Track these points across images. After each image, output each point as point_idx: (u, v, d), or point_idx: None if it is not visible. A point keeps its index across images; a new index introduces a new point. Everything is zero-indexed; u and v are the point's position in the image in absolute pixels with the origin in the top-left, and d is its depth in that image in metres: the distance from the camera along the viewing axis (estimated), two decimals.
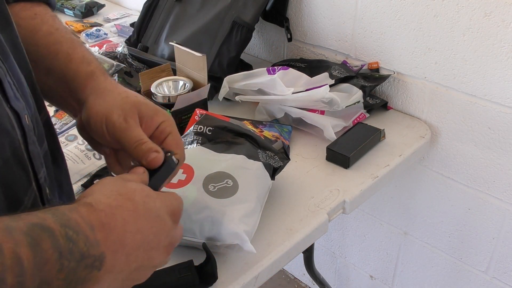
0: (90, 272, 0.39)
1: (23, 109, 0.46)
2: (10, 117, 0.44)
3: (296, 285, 1.85)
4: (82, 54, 0.60)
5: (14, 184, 0.44)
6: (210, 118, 0.90)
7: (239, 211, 0.74)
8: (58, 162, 0.58)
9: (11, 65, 0.47)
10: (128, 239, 0.43)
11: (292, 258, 0.82)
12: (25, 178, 0.46)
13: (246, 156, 0.82)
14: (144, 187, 0.48)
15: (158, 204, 0.47)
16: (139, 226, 0.44)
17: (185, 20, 1.31)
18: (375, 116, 1.15)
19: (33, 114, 0.49)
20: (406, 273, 1.44)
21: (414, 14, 1.06)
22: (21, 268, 0.34)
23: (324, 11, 1.23)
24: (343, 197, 0.91)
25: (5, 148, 0.43)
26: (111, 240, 0.41)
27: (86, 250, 0.39)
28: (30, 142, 0.47)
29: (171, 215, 0.49)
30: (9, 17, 0.50)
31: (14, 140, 0.44)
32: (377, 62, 1.18)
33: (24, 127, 0.46)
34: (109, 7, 1.90)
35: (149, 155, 0.53)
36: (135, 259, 0.44)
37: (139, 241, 0.44)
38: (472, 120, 1.07)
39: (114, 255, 0.41)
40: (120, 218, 0.43)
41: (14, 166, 0.44)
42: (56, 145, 0.59)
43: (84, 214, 0.41)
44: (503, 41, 0.95)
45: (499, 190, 1.10)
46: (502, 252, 1.17)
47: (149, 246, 0.45)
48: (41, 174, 0.49)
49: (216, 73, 1.20)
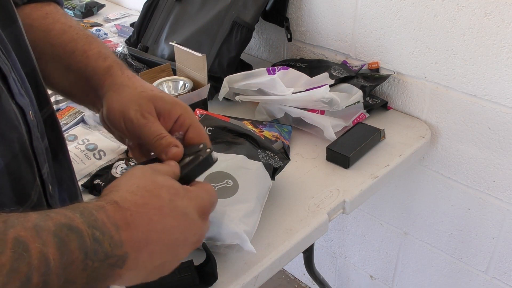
0: (112, 270, 0.40)
1: (28, 105, 0.47)
2: (16, 113, 0.44)
3: (296, 285, 1.85)
4: (98, 50, 0.59)
5: (22, 178, 0.45)
6: (210, 118, 0.90)
7: (239, 211, 0.74)
8: (59, 158, 0.58)
9: (14, 62, 0.47)
10: (153, 238, 0.43)
11: (292, 258, 0.82)
12: (31, 173, 0.46)
13: (246, 156, 0.82)
14: (173, 183, 0.47)
15: (186, 202, 0.46)
16: (165, 225, 0.44)
17: (185, 20, 1.31)
18: (375, 116, 1.15)
19: (35, 110, 0.50)
20: (406, 273, 1.44)
21: (414, 14, 1.06)
22: (47, 268, 0.35)
23: (324, 11, 1.23)
24: (343, 197, 0.91)
25: (14, 143, 0.43)
26: (135, 240, 0.41)
27: (110, 251, 0.39)
28: (35, 138, 0.47)
29: (200, 211, 0.48)
30: (14, 14, 0.51)
31: (21, 135, 0.45)
32: (377, 62, 1.18)
33: (29, 123, 0.46)
34: (109, 7, 1.90)
35: (169, 149, 0.53)
36: (159, 257, 0.44)
37: (165, 240, 0.44)
38: (472, 120, 1.07)
39: (137, 254, 0.41)
40: (146, 217, 0.43)
41: (22, 161, 0.45)
42: (59, 142, 0.59)
43: (110, 213, 0.41)
44: (503, 41, 0.95)
45: (499, 190, 1.10)
46: (502, 252, 1.17)
47: (175, 244, 0.45)
48: (44, 169, 0.49)
49: (216, 73, 1.20)
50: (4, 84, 0.43)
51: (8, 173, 0.42)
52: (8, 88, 0.44)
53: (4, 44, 0.46)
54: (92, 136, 1.03)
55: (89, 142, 1.01)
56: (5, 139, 0.42)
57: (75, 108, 1.12)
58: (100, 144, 1.01)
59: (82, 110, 1.12)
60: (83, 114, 1.10)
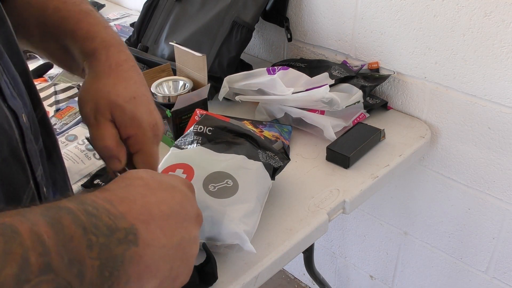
0: (127, 249, 0.36)
1: (20, 108, 0.46)
2: (8, 116, 0.44)
3: (296, 285, 1.85)
4: (86, 29, 0.58)
5: (13, 182, 0.44)
6: (210, 118, 0.90)
7: (239, 211, 0.74)
8: (53, 159, 0.57)
9: (6, 64, 0.47)
10: (154, 210, 0.41)
11: (292, 258, 0.82)
12: (23, 176, 0.46)
13: (246, 156, 0.82)
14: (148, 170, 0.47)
15: (168, 178, 0.46)
16: (159, 197, 0.42)
17: (185, 20, 1.31)
18: (375, 116, 1.15)
19: (29, 112, 0.50)
20: (406, 273, 1.44)
21: (414, 14, 1.06)
22: (43, 246, 0.32)
23: (324, 11, 1.23)
24: (343, 197, 0.91)
25: (3, 147, 0.43)
26: (136, 211, 0.39)
27: (112, 223, 0.36)
28: (28, 141, 0.47)
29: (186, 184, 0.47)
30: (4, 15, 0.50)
31: (12, 139, 0.44)
32: (377, 62, 1.18)
33: (22, 126, 0.46)
34: (109, 7, 1.90)
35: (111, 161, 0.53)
36: (172, 233, 0.41)
37: (166, 211, 0.42)
38: (472, 120, 1.07)
39: (147, 226, 0.39)
40: (136, 193, 0.41)
41: (12, 164, 0.44)
42: (52, 142, 0.58)
43: (97, 194, 0.39)
44: (503, 41, 0.95)
45: (499, 190, 1.10)
46: (502, 252, 1.17)
47: (179, 216, 0.43)
48: (38, 172, 0.49)
49: (216, 73, 1.20)
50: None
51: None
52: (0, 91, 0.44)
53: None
54: None
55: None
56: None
57: (75, 108, 1.12)
58: None
59: None
60: None
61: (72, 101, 1.16)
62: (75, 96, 1.20)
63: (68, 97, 1.19)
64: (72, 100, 1.17)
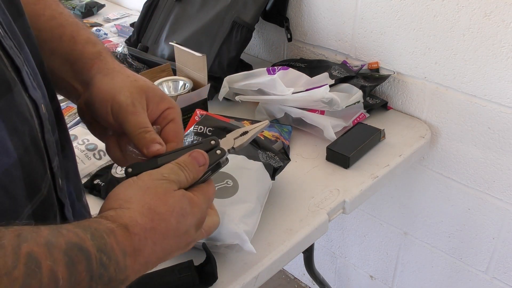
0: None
1: (40, 98, 0.47)
2: (29, 105, 0.44)
3: (296, 285, 1.85)
4: (87, 36, 0.59)
5: (33, 171, 0.45)
6: (210, 118, 0.90)
7: (239, 211, 0.74)
8: (65, 151, 0.57)
9: (27, 56, 0.47)
10: (153, 259, 0.45)
11: (292, 258, 0.82)
12: (42, 166, 0.46)
13: (246, 157, 0.82)
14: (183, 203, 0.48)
15: (189, 221, 0.48)
16: (166, 245, 0.46)
17: (185, 20, 1.31)
18: (375, 116, 1.15)
19: (47, 103, 0.49)
20: (406, 273, 1.44)
21: (414, 14, 1.06)
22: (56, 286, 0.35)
23: (324, 11, 1.23)
24: (343, 197, 0.91)
25: (26, 136, 0.43)
26: (138, 264, 0.43)
27: (115, 276, 0.41)
28: (46, 131, 0.47)
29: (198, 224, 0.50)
30: (21, 7, 0.50)
31: (33, 128, 0.44)
32: (377, 62, 1.18)
33: (41, 116, 0.46)
34: (109, 7, 1.90)
35: (151, 145, 0.52)
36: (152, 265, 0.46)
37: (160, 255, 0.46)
38: (472, 120, 1.07)
39: (136, 274, 0.44)
40: (151, 242, 0.44)
41: (33, 153, 0.45)
42: (65, 135, 0.58)
43: (120, 239, 0.42)
44: (503, 41, 0.95)
45: (499, 190, 1.10)
46: (502, 252, 1.17)
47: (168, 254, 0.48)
48: (54, 162, 0.49)
49: (216, 73, 1.20)
50: (17, 77, 0.43)
51: (21, 165, 0.42)
52: (22, 81, 0.44)
53: (17, 37, 0.46)
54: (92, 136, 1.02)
55: (89, 142, 1.01)
56: (17, 132, 0.42)
57: (75, 108, 1.12)
58: (100, 144, 1.01)
59: None
60: None
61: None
62: None
63: None
64: None
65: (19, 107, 0.42)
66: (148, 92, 0.56)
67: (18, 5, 0.50)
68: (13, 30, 0.46)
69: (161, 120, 0.56)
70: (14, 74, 0.43)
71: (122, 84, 0.55)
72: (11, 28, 0.46)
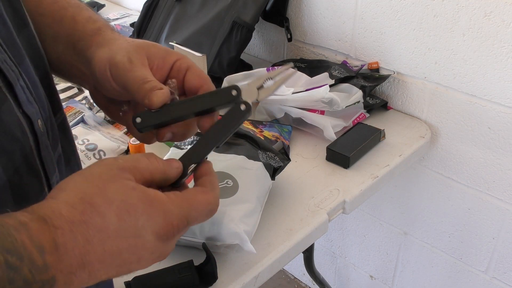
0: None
1: (36, 114, 0.45)
2: (22, 122, 0.42)
3: (296, 285, 1.85)
4: (88, 15, 0.56)
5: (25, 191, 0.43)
6: None
7: (239, 211, 0.74)
8: (71, 164, 0.56)
9: (26, 68, 0.46)
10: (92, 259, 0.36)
11: (292, 258, 0.82)
12: (37, 184, 0.45)
13: (246, 157, 0.82)
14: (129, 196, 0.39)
15: (142, 222, 0.39)
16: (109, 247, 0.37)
17: (185, 20, 1.31)
18: (375, 116, 1.15)
19: (47, 117, 0.48)
20: (406, 273, 1.44)
21: (414, 14, 1.06)
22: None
23: (324, 11, 1.23)
24: (343, 197, 0.91)
25: (16, 156, 0.41)
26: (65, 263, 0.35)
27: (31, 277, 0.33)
28: (43, 147, 0.45)
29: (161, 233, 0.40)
30: (26, 17, 0.49)
31: (25, 146, 0.43)
32: (377, 62, 1.18)
33: (37, 132, 0.44)
34: (109, 7, 1.90)
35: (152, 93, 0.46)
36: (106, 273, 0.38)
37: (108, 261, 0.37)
38: (472, 120, 1.07)
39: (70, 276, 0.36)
40: (82, 238, 0.36)
41: (25, 173, 0.43)
42: (71, 148, 0.57)
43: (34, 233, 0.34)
44: (503, 41, 0.95)
45: (499, 190, 1.10)
46: (502, 252, 1.17)
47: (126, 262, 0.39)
48: (53, 179, 0.47)
49: (216, 73, 1.20)
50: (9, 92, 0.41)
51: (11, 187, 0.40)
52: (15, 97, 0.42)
53: (16, 50, 0.45)
54: (92, 136, 1.03)
55: (89, 142, 1.01)
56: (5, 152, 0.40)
57: (75, 108, 1.12)
58: (100, 144, 1.01)
59: (82, 110, 1.12)
60: (83, 114, 1.10)
61: (72, 101, 1.16)
62: (75, 96, 1.20)
63: (68, 97, 1.19)
64: (72, 100, 1.17)
65: (6, 126, 0.40)
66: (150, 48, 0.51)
67: (23, 16, 0.48)
68: (13, 42, 0.44)
69: (174, 73, 0.51)
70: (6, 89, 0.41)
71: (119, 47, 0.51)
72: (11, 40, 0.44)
